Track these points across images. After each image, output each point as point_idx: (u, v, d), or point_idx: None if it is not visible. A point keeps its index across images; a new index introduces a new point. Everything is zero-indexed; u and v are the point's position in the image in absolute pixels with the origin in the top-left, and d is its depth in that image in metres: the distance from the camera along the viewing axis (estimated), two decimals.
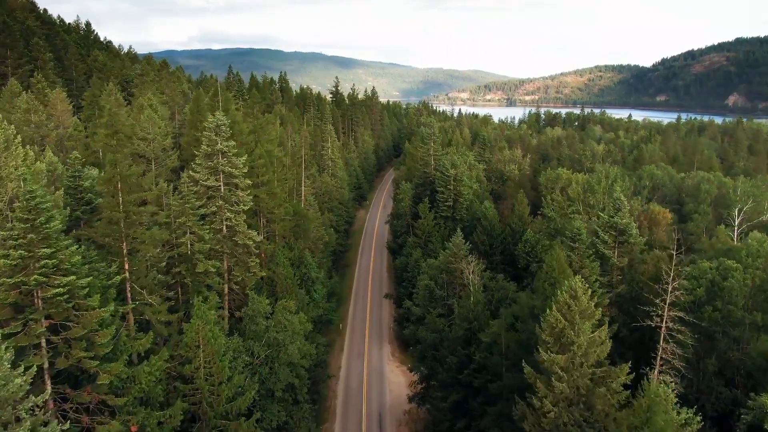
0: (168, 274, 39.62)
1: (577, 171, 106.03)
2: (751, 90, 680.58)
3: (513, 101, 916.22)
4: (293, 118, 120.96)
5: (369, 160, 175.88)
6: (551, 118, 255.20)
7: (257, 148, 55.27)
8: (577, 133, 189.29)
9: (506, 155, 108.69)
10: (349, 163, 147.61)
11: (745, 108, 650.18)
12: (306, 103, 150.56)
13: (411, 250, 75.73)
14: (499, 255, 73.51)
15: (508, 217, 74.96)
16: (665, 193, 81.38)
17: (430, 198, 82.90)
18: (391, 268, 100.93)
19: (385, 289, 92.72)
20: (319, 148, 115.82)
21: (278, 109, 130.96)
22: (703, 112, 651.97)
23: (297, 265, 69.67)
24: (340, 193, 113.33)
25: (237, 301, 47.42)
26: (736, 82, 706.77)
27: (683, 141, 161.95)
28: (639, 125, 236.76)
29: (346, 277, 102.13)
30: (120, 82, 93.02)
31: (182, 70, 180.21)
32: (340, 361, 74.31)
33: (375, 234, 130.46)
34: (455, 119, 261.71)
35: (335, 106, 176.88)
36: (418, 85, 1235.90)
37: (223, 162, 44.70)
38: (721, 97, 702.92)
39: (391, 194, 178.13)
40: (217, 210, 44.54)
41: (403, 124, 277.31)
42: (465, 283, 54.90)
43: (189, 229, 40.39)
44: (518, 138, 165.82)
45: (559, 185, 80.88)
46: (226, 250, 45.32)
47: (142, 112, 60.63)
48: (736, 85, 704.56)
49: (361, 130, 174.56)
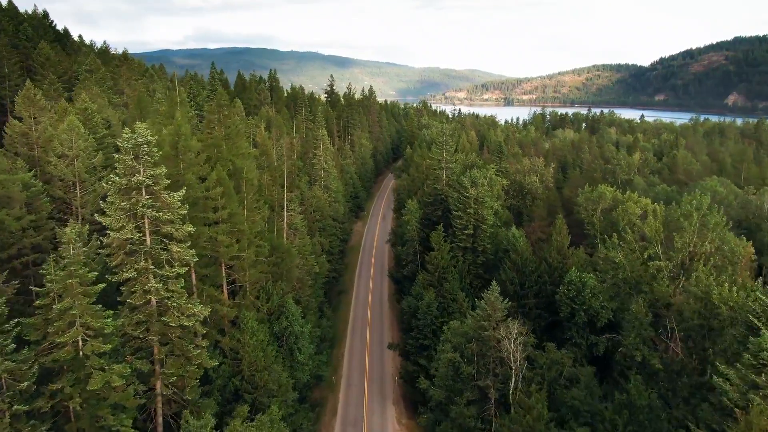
0: (38, 396, 23.45)
1: (609, 183, 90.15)
2: (751, 89, 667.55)
3: (510, 101, 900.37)
4: (281, 121, 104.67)
5: (367, 166, 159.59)
6: (558, 120, 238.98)
7: (214, 171, 38.99)
8: (592, 136, 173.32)
9: (525, 164, 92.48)
10: (345, 170, 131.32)
11: (744, 107, 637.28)
12: (297, 104, 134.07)
13: (421, 289, 59.53)
14: (533, 297, 57.52)
15: (544, 250, 58.83)
16: (730, 215, 65.47)
17: (443, 222, 66.71)
18: (393, 300, 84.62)
19: (389, 332, 76.38)
20: (310, 156, 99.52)
21: (265, 111, 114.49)
22: (702, 112, 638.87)
23: (277, 317, 53.60)
24: (333, 208, 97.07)
25: (174, 407, 31.17)
26: (736, 82, 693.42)
27: (708, 145, 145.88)
28: (653, 126, 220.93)
29: (340, 309, 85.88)
30: (69, 79, 76.40)
31: (164, 68, 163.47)
32: (333, 430, 58.22)
33: (374, 251, 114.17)
34: (457, 120, 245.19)
35: (330, 106, 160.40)
36: (415, 85, 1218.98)
37: (146, 201, 28.45)
38: (720, 96, 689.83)
39: (391, 203, 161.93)
40: (137, 276, 28.28)
41: (402, 126, 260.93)
42: (503, 356, 39.10)
43: (77, 319, 24.15)
44: (530, 142, 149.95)
45: (602, 206, 64.80)
46: (154, 336, 29.08)
47: (63, 119, 44.25)
48: (736, 84, 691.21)
49: (358, 133, 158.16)
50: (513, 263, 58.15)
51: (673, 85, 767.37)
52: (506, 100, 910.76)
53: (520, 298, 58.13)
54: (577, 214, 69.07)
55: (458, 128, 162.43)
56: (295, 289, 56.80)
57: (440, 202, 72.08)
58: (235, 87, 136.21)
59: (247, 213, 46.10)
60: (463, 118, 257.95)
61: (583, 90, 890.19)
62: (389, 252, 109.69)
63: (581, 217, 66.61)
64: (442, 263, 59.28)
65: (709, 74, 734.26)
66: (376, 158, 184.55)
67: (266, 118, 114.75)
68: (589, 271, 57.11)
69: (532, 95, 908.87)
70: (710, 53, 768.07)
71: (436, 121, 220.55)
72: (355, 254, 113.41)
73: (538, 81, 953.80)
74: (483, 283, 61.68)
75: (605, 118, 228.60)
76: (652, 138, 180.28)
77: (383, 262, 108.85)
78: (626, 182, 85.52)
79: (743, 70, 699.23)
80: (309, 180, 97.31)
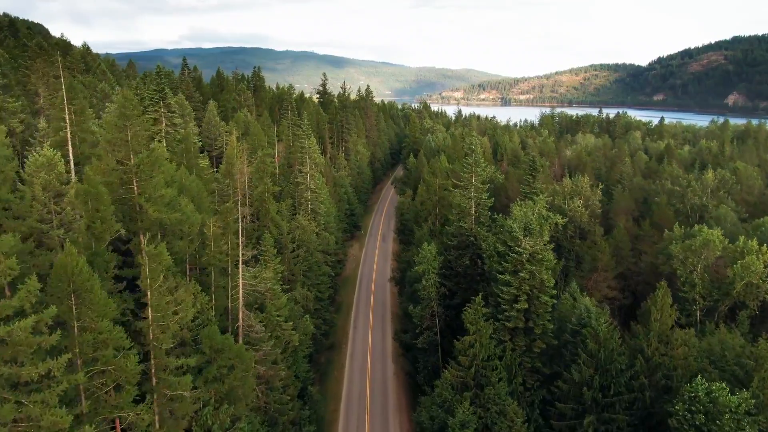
0: None
1: (678, 210, 69.13)
2: (752, 89, 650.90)
3: (508, 101, 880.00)
4: (259, 129, 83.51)
5: (364, 176, 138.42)
6: (571, 122, 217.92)
7: (62, 258, 18.05)
8: (615, 142, 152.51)
9: (567, 185, 71.60)
10: (339, 183, 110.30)
11: (746, 108, 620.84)
12: (283, 106, 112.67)
13: (448, 393, 38.61)
14: (624, 410, 36.82)
15: (638, 335, 38.08)
16: None
17: (476, 277, 45.75)
18: (399, 364, 63.81)
19: (396, 415, 55.41)
20: (294, 174, 78.44)
21: (242, 116, 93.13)
22: (702, 112, 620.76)
23: None
24: (323, 239, 76.03)
25: None
26: (736, 81, 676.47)
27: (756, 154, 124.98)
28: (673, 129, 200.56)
29: (330, 374, 64.94)
30: None
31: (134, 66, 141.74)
32: None
33: (373, 286, 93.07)
34: (461, 122, 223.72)
35: (322, 108, 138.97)
36: (411, 85, 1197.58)
37: None
38: (720, 96, 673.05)
39: (391, 217, 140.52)
40: None
41: (401, 128, 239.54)
42: None
43: None
44: (552, 151, 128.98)
45: (705, 257, 44.01)
46: None
47: None
48: (736, 84, 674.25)
49: (353, 139, 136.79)
50: (590, 356, 37.40)
51: (672, 84, 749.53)
52: (503, 100, 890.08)
53: (602, 409, 37.38)
54: (659, 267, 48.17)
55: (467, 133, 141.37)
56: (258, 403, 35.76)
57: (468, 246, 51.06)
58: (211, 86, 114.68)
59: (167, 303, 25.27)
60: (468, 119, 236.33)
61: (581, 90, 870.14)
62: (392, 291, 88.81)
63: (663, 268, 45.91)
64: (481, 354, 38.33)
65: (709, 74, 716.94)
66: (374, 166, 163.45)
67: (244, 123, 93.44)
68: (710, 370, 36.57)
69: (529, 95, 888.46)
70: (709, 53, 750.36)
71: (439, 124, 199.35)
72: (350, 290, 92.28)
73: (536, 81, 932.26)
74: (541, 382, 40.76)
75: (620, 119, 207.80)
76: (687, 146, 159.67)
77: (385, 300, 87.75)
78: (700, 208, 64.83)
79: (743, 70, 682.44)
80: (293, 203, 76.18)
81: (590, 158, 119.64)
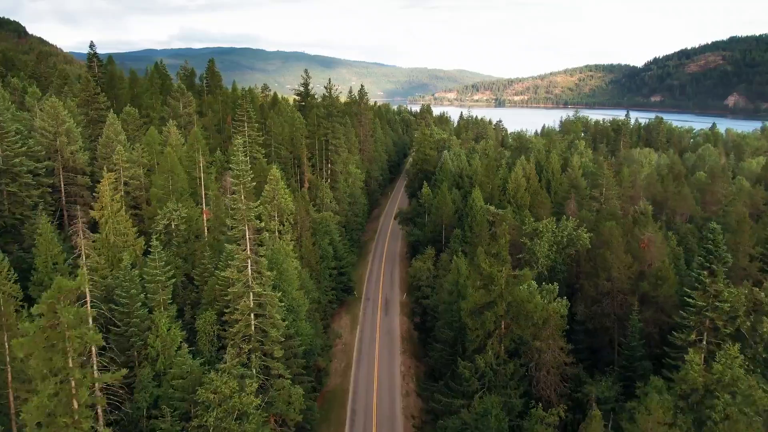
0: None
1: None
2: (752, 90, 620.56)
3: (502, 101, 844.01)
4: (175, 159, 45.58)
5: (357, 206, 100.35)
6: (599, 129, 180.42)
7: None
8: (685, 160, 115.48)
9: None
10: (321, 231, 72.29)
11: (747, 109, 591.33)
12: (237, 115, 73.90)
13: None
14: None
15: None
16: None
17: None
18: None
19: None
20: (246, 240, 40.20)
21: (154, 134, 54.62)
22: (702, 113, 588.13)
23: None
24: (291, 359, 38.17)
25: None
26: (735, 82, 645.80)
27: None
28: (723, 138, 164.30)
29: None
30: None
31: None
32: None
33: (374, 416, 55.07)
34: (471, 128, 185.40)
35: (302, 115, 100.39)
36: (403, 85, 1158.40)
37: None
38: (719, 97, 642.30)
39: (393, 260, 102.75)
40: None
41: (399, 134, 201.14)
42: None
43: None
44: (608, 175, 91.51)
45: None
46: None
47: None
48: (735, 84, 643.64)
49: (343, 158, 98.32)
50: None
51: (670, 85, 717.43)
52: (497, 100, 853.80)
53: None
54: None
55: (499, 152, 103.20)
56: None
57: None
58: (130, 88, 75.56)
59: None
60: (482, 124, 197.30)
61: (576, 91, 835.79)
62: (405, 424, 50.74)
63: None
64: None
65: (707, 74, 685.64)
66: (370, 187, 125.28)
67: (160, 147, 54.76)
68: None
69: (523, 96, 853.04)
70: (706, 53, 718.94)
71: (447, 133, 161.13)
72: (338, 411, 54.09)
73: (530, 81, 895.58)
74: None
75: (662, 127, 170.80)
76: (753, 159, 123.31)
77: None
78: None
79: (742, 71, 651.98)
80: (243, 286, 38.05)
81: (674, 188, 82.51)
